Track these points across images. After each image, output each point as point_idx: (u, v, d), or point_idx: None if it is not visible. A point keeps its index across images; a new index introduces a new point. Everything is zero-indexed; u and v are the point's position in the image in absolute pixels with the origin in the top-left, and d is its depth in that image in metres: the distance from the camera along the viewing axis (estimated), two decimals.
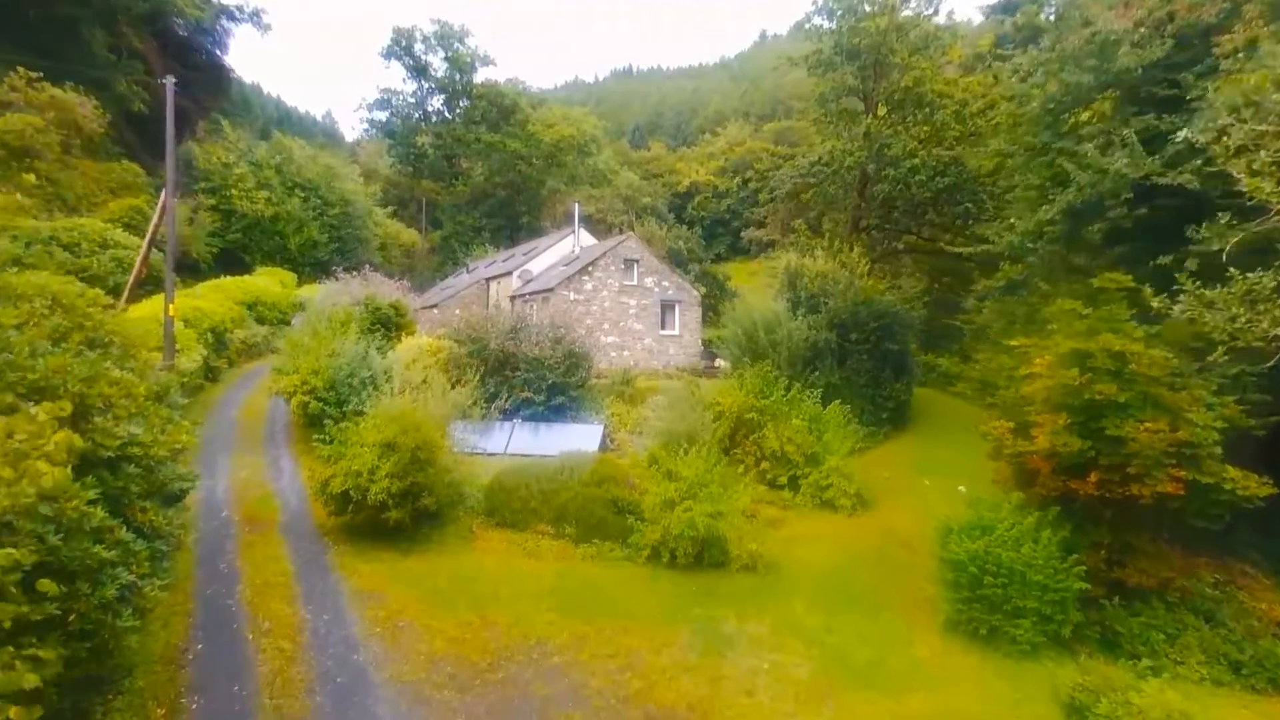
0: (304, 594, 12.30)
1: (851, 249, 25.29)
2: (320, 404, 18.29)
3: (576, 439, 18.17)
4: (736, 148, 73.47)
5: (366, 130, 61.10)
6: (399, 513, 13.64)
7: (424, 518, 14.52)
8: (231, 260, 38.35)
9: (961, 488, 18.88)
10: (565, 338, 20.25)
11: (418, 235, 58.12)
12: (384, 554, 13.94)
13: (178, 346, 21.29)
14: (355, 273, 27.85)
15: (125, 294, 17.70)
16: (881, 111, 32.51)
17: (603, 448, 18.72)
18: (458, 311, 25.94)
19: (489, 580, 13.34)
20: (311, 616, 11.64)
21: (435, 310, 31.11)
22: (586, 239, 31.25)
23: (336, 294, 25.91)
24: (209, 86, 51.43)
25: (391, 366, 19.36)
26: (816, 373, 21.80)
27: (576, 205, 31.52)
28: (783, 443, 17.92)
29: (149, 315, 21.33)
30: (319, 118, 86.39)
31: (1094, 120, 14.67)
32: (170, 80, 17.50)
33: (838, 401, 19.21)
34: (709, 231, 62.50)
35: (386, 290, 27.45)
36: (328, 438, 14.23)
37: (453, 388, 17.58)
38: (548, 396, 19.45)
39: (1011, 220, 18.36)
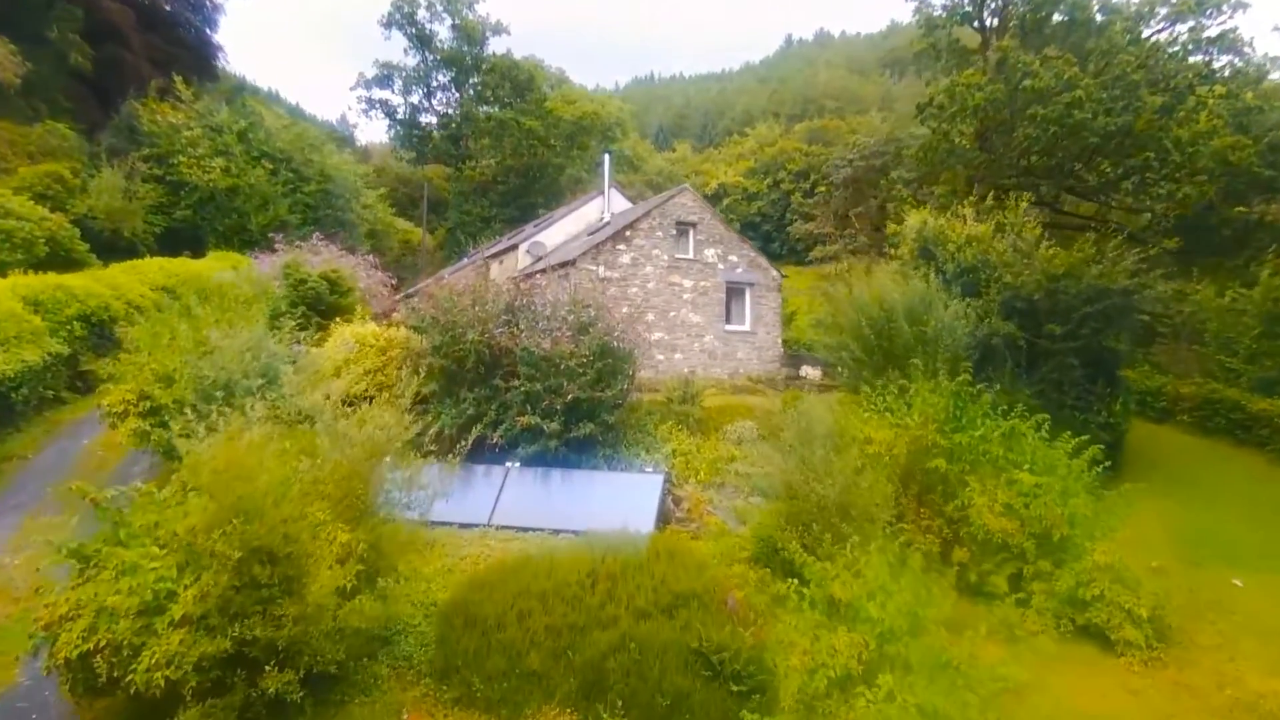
0: None
1: (1016, 204, 17.06)
2: (170, 436, 10.54)
3: (617, 500, 10.13)
4: (767, 147, 65.61)
5: (365, 110, 53.99)
6: (207, 710, 5.69)
7: (291, 693, 6.55)
8: (182, 241, 31.01)
9: None
10: (596, 324, 12.14)
11: (421, 233, 51.31)
12: None
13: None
14: (300, 244, 20.38)
15: None
16: (1007, 41, 24.29)
17: (662, 515, 10.60)
18: None
19: None
20: None
21: (415, 300, 23.28)
22: (619, 203, 23.15)
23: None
24: (196, 65, 45.55)
25: (305, 369, 11.55)
26: (992, 385, 13.53)
27: (608, 156, 23.37)
28: (997, 515, 9.71)
29: None
30: (334, 122, 79.85)
31: None
32: None
33: (1081, 437, 10.79)
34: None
35: (344, 264, 19.87)
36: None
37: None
38: (565, 423, 11.36)
39: None
